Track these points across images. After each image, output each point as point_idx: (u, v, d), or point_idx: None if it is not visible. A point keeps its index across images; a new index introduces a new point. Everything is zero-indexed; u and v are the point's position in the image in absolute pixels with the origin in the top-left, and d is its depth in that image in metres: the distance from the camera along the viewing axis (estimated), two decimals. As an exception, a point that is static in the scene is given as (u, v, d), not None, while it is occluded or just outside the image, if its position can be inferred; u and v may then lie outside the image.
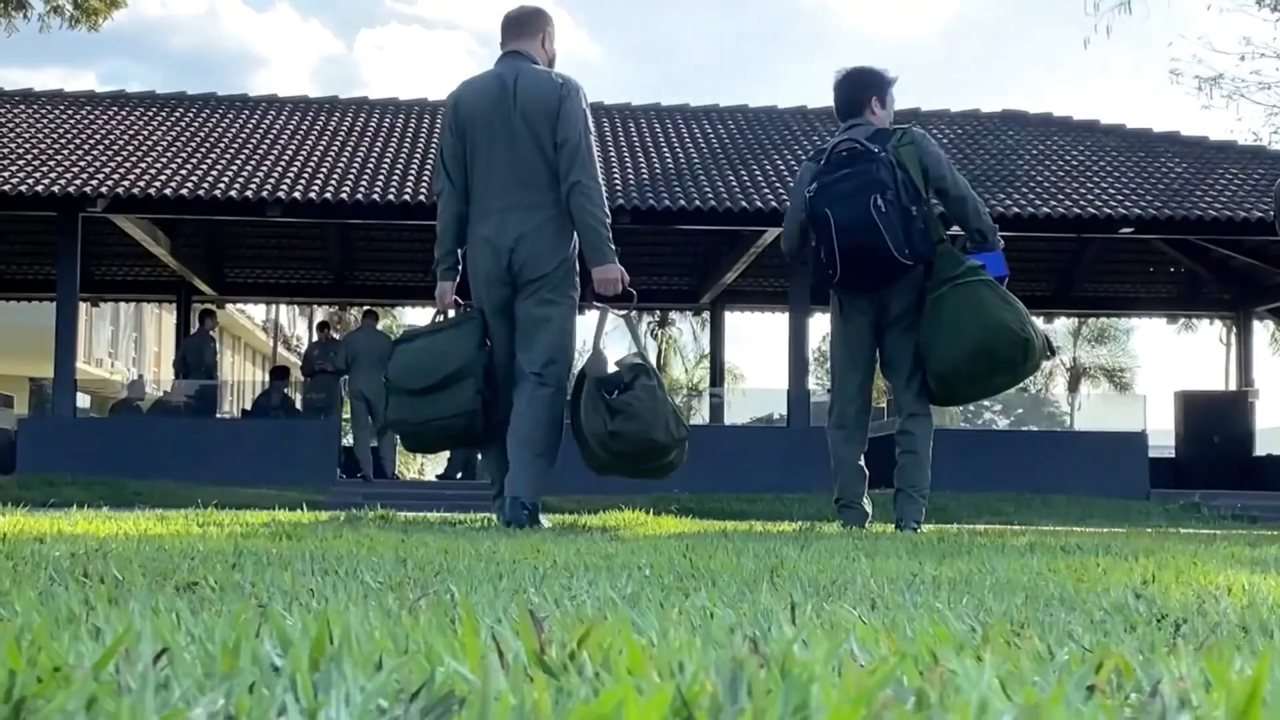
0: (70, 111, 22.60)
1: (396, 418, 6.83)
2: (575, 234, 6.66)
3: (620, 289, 6.71)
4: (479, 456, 15.37)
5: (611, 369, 6.76)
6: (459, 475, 20.98)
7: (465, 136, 6.62)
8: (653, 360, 8.72)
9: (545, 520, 6.65)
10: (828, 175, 6.75)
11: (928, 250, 6.74)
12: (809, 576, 2.75)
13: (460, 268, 6.80)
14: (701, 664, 1.05)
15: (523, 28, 6.80)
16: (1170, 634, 1.69)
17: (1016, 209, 19.45)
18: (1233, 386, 25.87)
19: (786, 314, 21.14)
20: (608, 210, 6.69)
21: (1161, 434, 22.77)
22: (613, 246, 6.66)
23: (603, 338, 6.96)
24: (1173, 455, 22.40)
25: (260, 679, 1.01)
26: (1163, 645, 1.53)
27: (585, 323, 8.24)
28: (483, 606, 1.81)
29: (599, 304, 6.82)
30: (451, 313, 6.85)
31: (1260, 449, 22.10)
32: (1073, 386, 57.16)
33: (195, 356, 21.65)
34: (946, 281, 6.73)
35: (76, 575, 2.38)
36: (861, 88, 7.07)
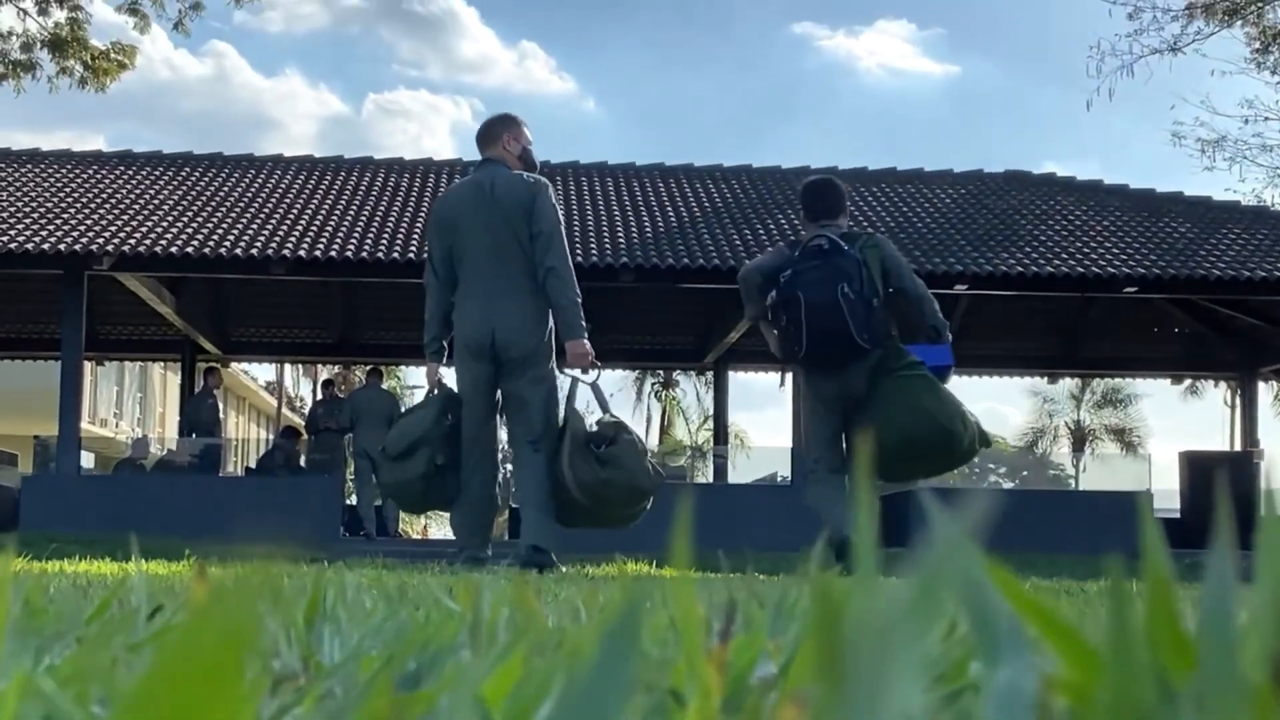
0: (77, 171, 22.71)
1: (384, 480, 8.08)
2: (549, 313, 7.58)
3: (590, 361, 7.64)
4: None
5: (592, 428, 7.65)
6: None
7: (451, 236, 7.60)
8: (642, 420, 10.62)
9: (561, 566, 7.25)
10: (802, 264, 7.60)
11: (884, 339, 7.53)
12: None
13: (446, 350, 7.82)
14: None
15: (487, 138, 7.79)
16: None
17: (1020, 268, 19.47)
18: (1238, 448, 25.83)
19: (790, 373, 21.12)
20: (578, 289, 7.57)
21: (1168, 494, 22.71)
22: (583, 323, 7.53)
23: (576, 400, 7.89)
24: (1178, 516, 22.34)
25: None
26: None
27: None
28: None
29: (569, 373, 7.75)
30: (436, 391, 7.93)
31: (1266, 510, 21.97)
32: (1077, 447, 57.08)
33: (199, 415, 21.66)
34: (889, 373, 7.44)
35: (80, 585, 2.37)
36: (832, 196, 8.03)
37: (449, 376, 8.07)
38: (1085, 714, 0.53)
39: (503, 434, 7.92)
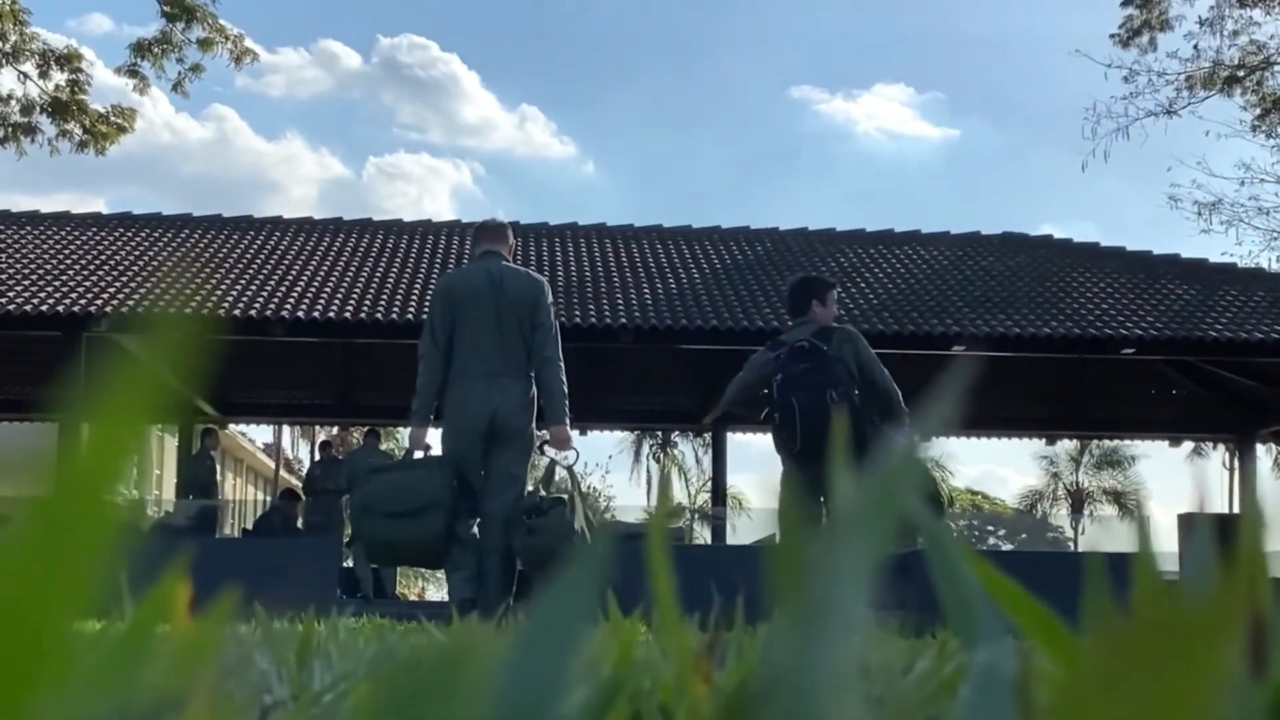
0: (76, 233, 22.78)
1: (370, 534, 8.24)
2: (535, 397, 8.24)
3: (570, 445, 8.30)
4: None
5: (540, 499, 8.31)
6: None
7: (456, 313, 8.18)
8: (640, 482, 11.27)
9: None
10: (792, 367, 8.37)
11: (867, 428, 8.20)
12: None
13: (432, 417, 8.32)
14: None
15: (497, 236, 8.57)
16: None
17: (1017, 329, 19.52)
18: (1237, 510, 25.78)
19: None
20: (565, 379, 8.25)
21: (1168, 557, 22.67)
22: (568, 410, 8.20)
23: (555, 478, 8.47)
24: (1177, 579, 22.27)
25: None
26: None
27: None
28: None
29: (549, 453, 8.33)
30: (419, 453, 8.40)
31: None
32: (1076, 509, 56.98)
33: (196, 477, 21.64)
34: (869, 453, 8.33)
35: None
36: (805, 294, 8.77)
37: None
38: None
39: None
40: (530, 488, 8.36)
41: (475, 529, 8.14)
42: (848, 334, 8.57)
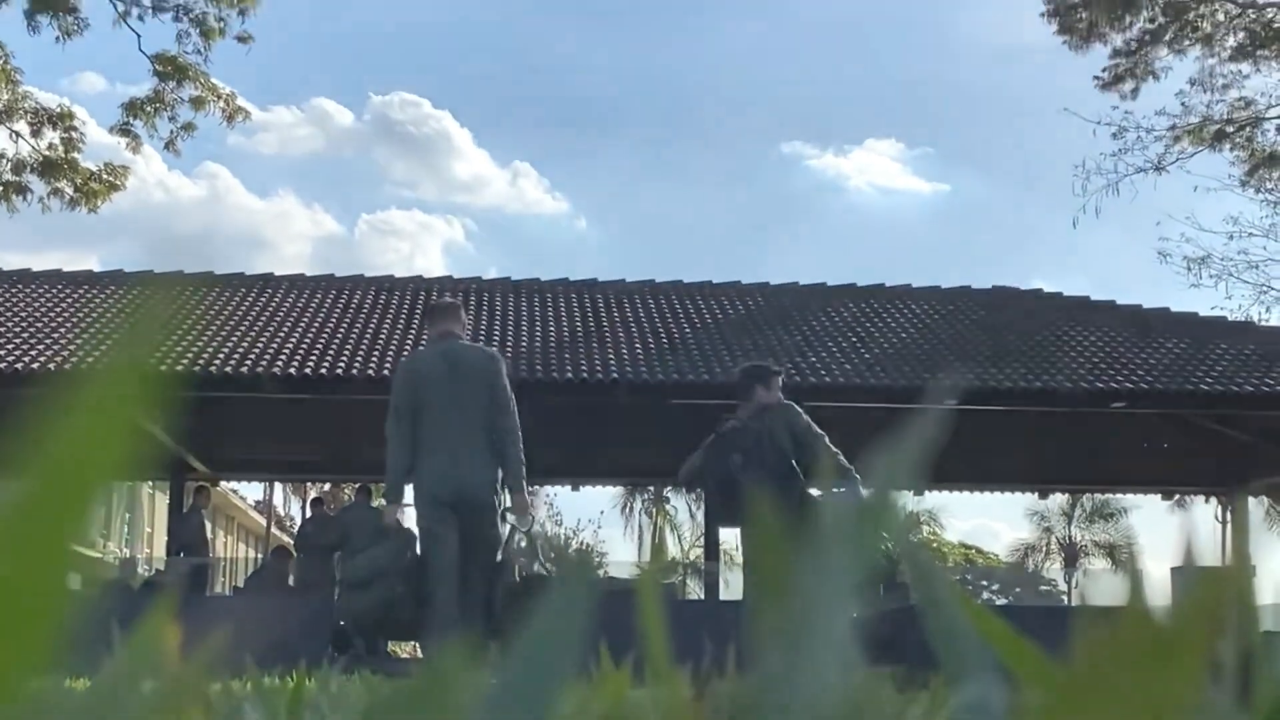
0: (68, 290, 22.78)
1: (342, 605, 9.49)
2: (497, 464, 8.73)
3: (529, 513, 9.03)
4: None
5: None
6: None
7: (417, 397, 8.66)
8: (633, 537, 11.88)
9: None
10: (720, 445, 9.26)
11: (803, 499, 8.76)
12: None
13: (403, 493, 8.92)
14: None
15: (450, 315, 9.18)
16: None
17: (1009, 383, 19.53)
18: (1227, 563, 25.69)
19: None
20: (523, 450, 8.74)
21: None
22: (525, 479, 8.71)
23: (514, 543, 9.13)
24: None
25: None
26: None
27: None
28: None
29: (511, 520, 8.85)
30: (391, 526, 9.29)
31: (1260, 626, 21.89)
32: (1069, 563, 56.86)
33: (187, 535, 21.57)
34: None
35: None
36: (750, 380, 9.52)
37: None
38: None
39: None
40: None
41: (452, 598, 8.60)
42: (783, 409, 9.26)
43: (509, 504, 8.77)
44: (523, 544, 9.33)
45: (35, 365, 18.98)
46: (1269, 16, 28.89)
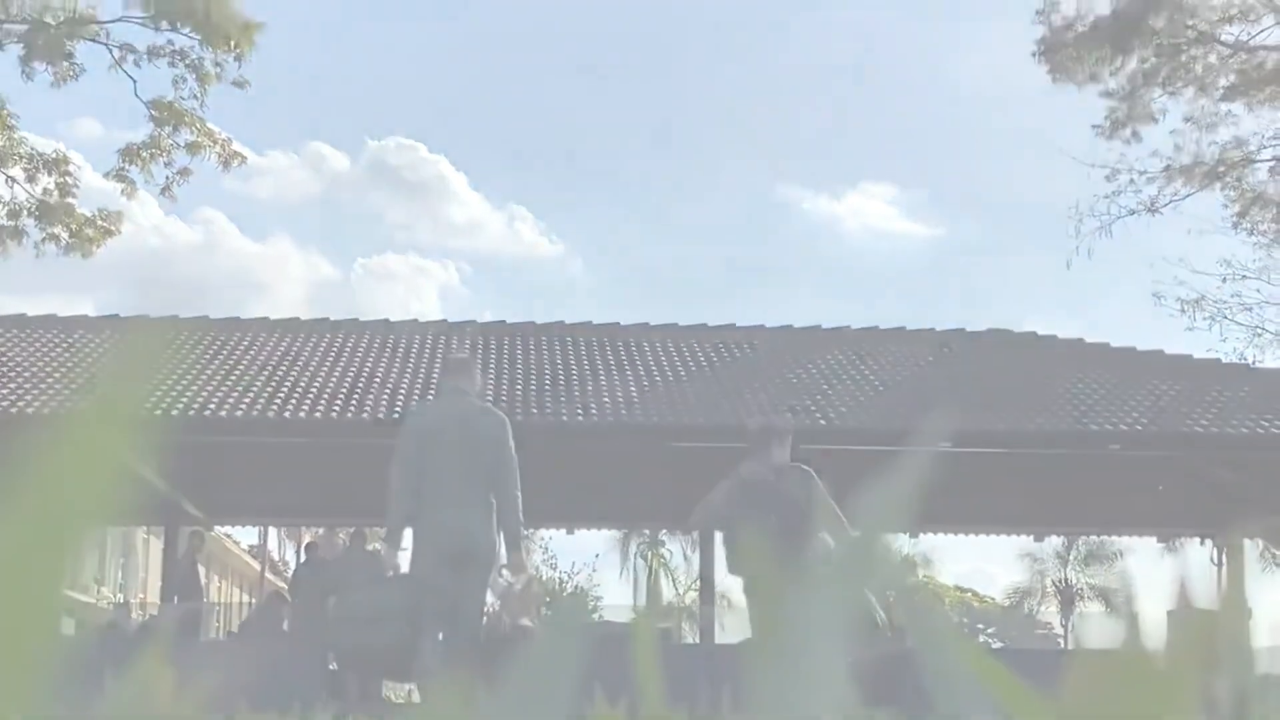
0: (62, 335, 22.75)
1: (338, 641, 9.55)
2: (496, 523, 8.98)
3: (525, 570, 9.53)
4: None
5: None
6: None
7: (424, 450, 8.93)
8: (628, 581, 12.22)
9: None
10: (748, 497, 9.31)
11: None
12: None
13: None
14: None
15: (463, 372, 9.59)
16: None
17: (1004, 425, 19.52)
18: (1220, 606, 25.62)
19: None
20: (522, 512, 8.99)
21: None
22: (525, 541, 9.34)
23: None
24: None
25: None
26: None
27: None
28: None
29: (505, 577, 9.34)
30: (390, 573, 9.39)
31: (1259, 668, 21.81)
32: (1065, 606, 56.73)
33: (180, 579, 21.51)
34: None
35: None
36: (766, 436, 9.67)
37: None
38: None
39: None
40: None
41: (443, 645, 8.82)
42: (803, 474, 9.42)
43: (506, 560, 9.11)
44: (517, 591, 9.72)
45: (30, 410, 18.94)
46: (1260, 59, 29.01)
